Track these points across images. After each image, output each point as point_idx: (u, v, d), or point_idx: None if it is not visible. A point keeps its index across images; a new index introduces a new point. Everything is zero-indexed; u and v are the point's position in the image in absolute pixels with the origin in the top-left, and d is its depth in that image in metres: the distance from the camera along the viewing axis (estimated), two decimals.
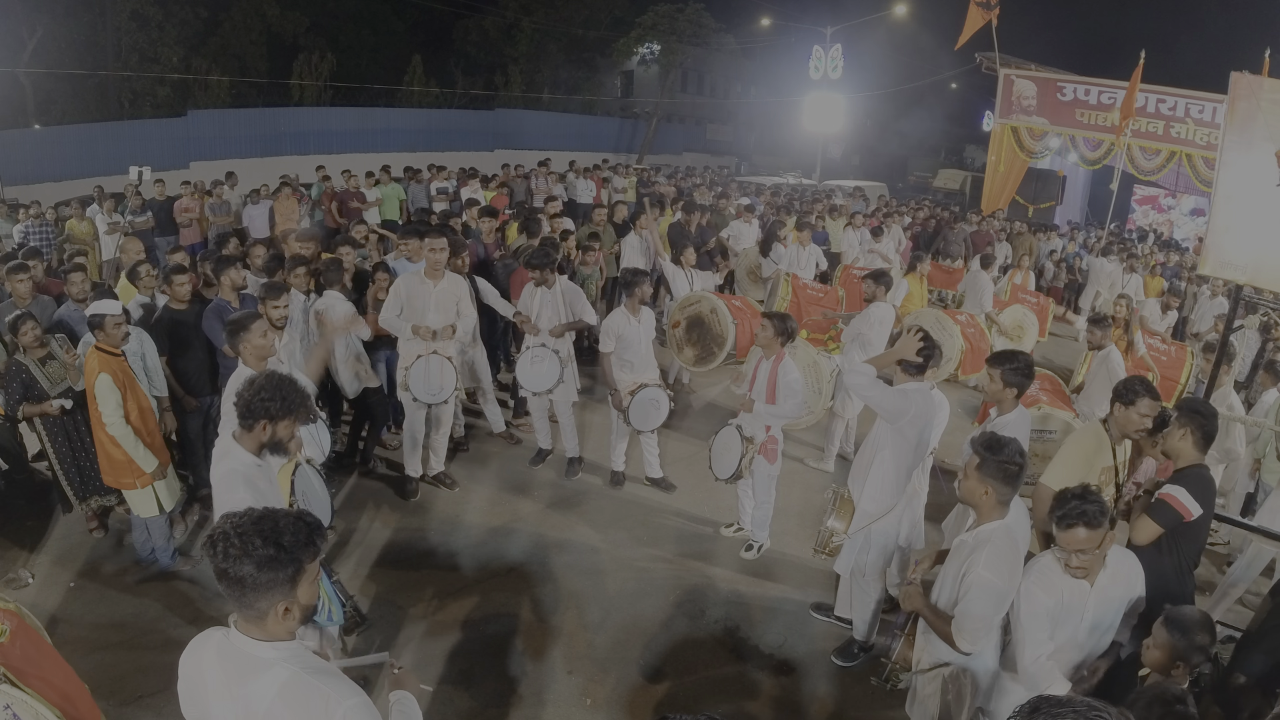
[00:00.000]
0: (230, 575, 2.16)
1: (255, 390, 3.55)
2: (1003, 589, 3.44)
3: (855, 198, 19.52)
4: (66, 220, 13.11)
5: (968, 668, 3.75)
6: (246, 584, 2.16)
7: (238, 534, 2.17)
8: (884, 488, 4.94)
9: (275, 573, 2.17)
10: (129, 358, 5.81)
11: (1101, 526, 3.26)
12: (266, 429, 3.57)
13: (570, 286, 7.33)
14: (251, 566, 2.14)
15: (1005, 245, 16.34)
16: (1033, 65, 21.75)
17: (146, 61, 26.88)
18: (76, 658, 4.93)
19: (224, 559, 2.16)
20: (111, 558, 6.15)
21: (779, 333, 5.95)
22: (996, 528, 3.51)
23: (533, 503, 7.19)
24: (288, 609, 2.23)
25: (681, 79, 41.23)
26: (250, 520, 2.21)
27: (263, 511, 2.25)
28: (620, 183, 19.53)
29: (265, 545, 2.16)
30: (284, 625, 2.24)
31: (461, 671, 5.07)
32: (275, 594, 2.19)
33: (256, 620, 2.22)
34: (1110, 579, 3.49)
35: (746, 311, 8.76)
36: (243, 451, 3.60)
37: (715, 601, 5.89)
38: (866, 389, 4.77)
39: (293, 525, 2.23)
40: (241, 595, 2.18)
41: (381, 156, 19.55)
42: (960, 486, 3.71)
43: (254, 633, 2.24)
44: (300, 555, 2.22)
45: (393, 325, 6.69)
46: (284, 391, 3.57)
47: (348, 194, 15.23)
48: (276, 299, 6.08)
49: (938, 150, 47.67)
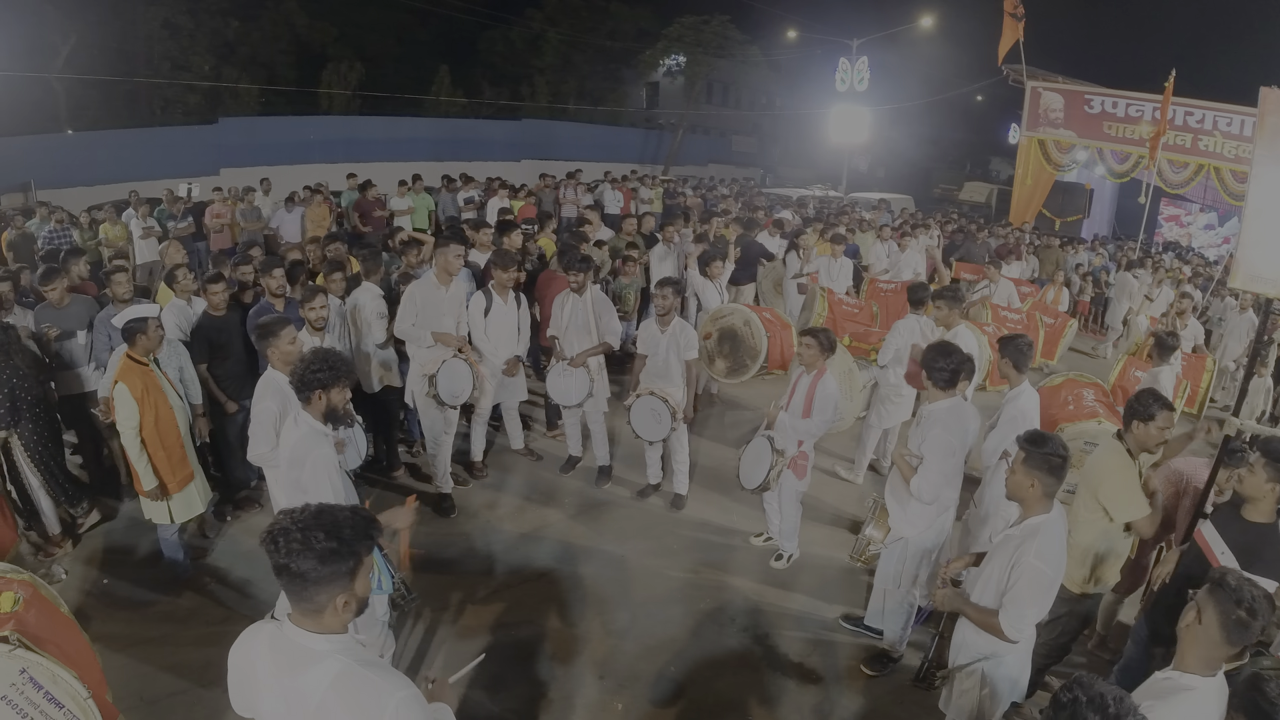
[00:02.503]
0: (291, 570, 2.18)
1: (305, 365, 3.96)
2: (1052, 579, 3.55)
3: (880, 210, 19.44)
4: (100, 224, 13.27)
5: (1004, 664, 3.79)
6: (308, 578, 2.19)
7: (299, 528, 2.20)
8: (924, 511, 4.94)
9: (336, 566, 2.20)
10: (166, 369, 5.86)
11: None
12: (321, 398, 3.97)
13: (600, 297, 7.35)
14: (314, 560, 2.17)
15: (1032, 259, 16.24)
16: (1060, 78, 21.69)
17: (177, 69, 27.31)
18: (109, 654, 5.03)
19: (285, 554, 2.18)
20: (145, 556, 6.21)
21: (823, 348, 5.94)
22: (1044, 520, 3.59)
23: (562, 510, 7.20)
24: (346, 602, 2.25)
25: (707, 90, 41.33)
26: (310, 515, 2.23)
27: (320, 506, 2.28)
28: (647, 193, 19.57)
29: (327, 539, 2.19)
30: (340, 618, 2.27)
31: (492, 675, 5.08)
32: (335, 587, 2.22)
33: (313, 614, 2.25)
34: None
35: (776, 324, 8.73)
36: (311, 419, 4.00)
37: (744, 610, 5.88)
38: (933, 485, 4.77)
39: (351, 519, 2.26)
40: (302, 589, 2.21)
41: (409, 165, 19.63)
42: (1007, 481, 3.75)
43: (308, 625, 2.27)
44: (358, 548, 2.25)
45: (408, 334, 6.72)
46: (330, 361, 3.99)
47: (370, 203, 15.37)
48: (312, 301, 6.18)
49: (962, 163, 47.50)
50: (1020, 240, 17.02)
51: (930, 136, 43.59)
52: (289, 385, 4.32)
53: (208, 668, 5.02)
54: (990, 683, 3.83)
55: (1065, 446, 3.62)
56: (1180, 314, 10.80)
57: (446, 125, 30.49)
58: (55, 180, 19.28)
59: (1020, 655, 3.82)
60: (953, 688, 4.02)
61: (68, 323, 6.82)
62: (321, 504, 2.30)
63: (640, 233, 11.23)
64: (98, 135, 22.92)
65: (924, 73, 35.36)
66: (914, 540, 5.00)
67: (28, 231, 12.28)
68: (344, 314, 7.06)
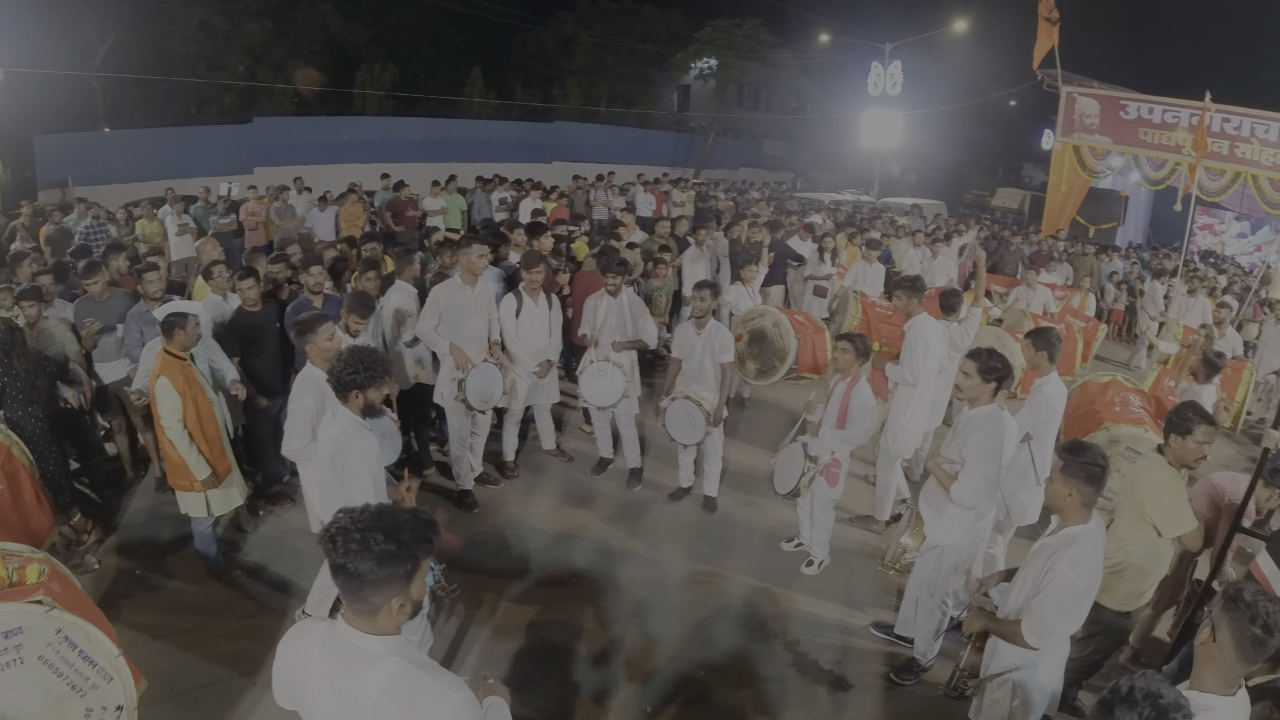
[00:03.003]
0: (349, 570, 2.16)
1: (340, 366, 4.06)
2: (1083, 590, 3.48)
3: (913, 215, 19.30)
4: (137, 220, 13.42)
5: (1036, 674, 3.73)
6: (365, 579, 2.16)
7: (359, 529, 2.17)
8: (961, 516, 4.88)
9: (394, 568, 2.17)
10: (197, 363, 5.88)
11: None
12: (358, 397, 4.07)
13: (635, 300, 7.34)
14: (372, 562, 2.15)
15: (1066, 266, 16.05)
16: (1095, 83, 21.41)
17: (213, 69, 27.58)
18: (140, 645, 5.08)
19: (344, 555, 2.16)
20: (177, 548, 6.26)
21: (859, 354, 5.88)
22: (1081, 530, 3.53)
23: (593, 512, 7.19)
24: (401, 604, 2.23)
25: (738, 94, 41.24)
26: (371, 515, 2.21)
27: (380, 507, 2.26)
28: (679, 196, 19.57)
29: (386, 541, 2.16)
30: (394, 620, 2.24)
31: (523, 675, 5.09)
32: (391, 589, 2.19)
33: (368, 615, 2.23)
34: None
35: (808, 326, 8.66)
36: (350, 413, 4.11)
37: (775, 616, 5.84)
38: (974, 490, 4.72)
39: (411, 521, 2.24)
40: (358, 590, 2.19)
41: (442, 166, 19.73)
42: (1046, 490, 3.71)
43: (362, 626, 2.24)
44: (417, 551, 2.22)
45: (428, 337, 6.72)
46: (365, 362, 4.08)
47: (403, 203, 15.49)
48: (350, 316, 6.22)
49: (995, 168, 47.11)
50: (1054, 247, 16.82)
51: (962, 141, 43.29)
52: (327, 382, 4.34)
53: (239, 660, 5.06)
54: (1022, 693, 3.77)
55: (1104, 456, 3.55)
56: (1219, 324, 10.60)
57: (479, 126, 30.60)
58: (92, 177, 19.57)
59: (1053, 667, 3.77)
60: (984, 697, 3.96)
61: (108, 316, 6.90)
62: (382, 505, 2.28)
63: (673, 235, 11.21)
64: (134, 133, 23.22)
65: (957, 77, 35.08)
66: (949, 547, 4.93)
67: (65, 227, 12.44)
68: (378, 312, 7.07)
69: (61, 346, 6.45)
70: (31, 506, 5.21)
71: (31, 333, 6.34)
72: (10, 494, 5.07)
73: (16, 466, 5.29)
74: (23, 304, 6.33)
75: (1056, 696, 3.84)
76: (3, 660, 3.38)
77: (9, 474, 5.17)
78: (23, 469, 5.32)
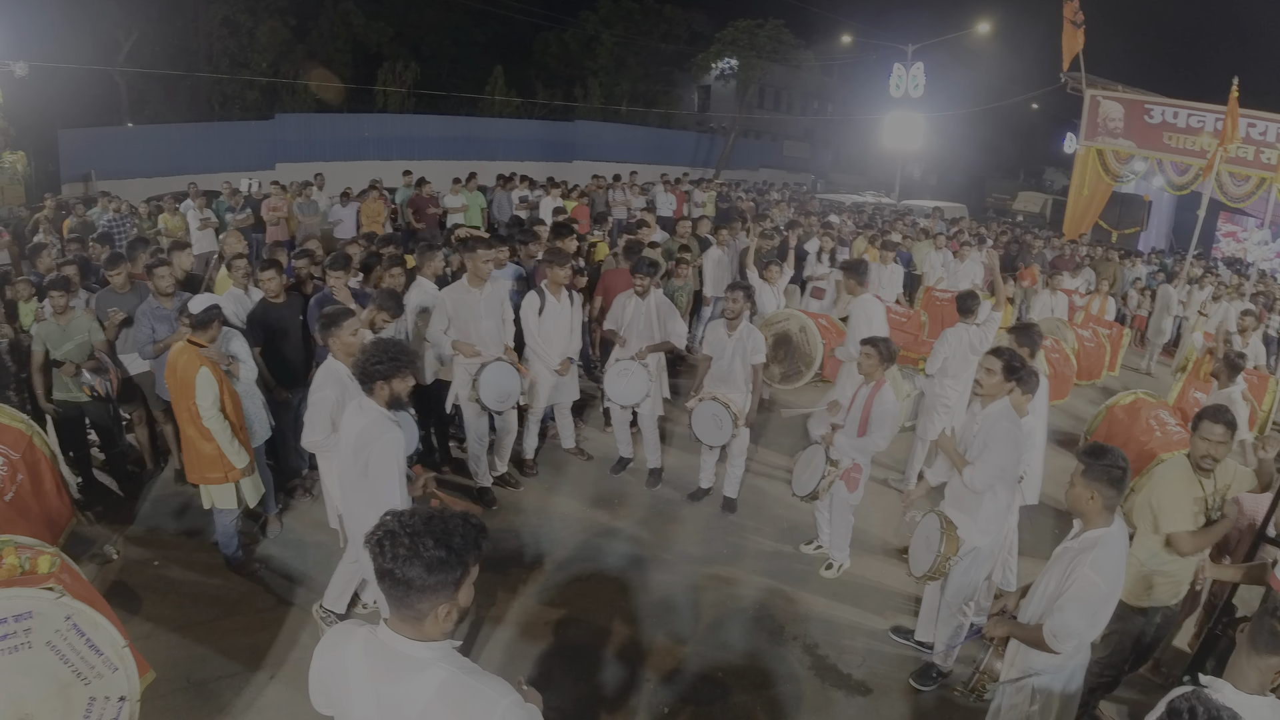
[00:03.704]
0: (396, 576, 2.11)
1: (365, 357, 4.09)
2: (1106, 593, 3.46)
3: (934, 218, 19.19)
4: (159, 214, 13.50)
5: (1056, 680, 3.70)
6: (414, 585, 2.12)
7: (408, 534, 2.12)
8: (997, 513, 4.84)
9: (443, 575, 2.13)
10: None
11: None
12: (384, 388, 4.09)
13: (664, 301, 7.29)
14: (421, 568, 2.10)
15: (1088, 270, 15.91)
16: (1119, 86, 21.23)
17: (236, 66, 27.74)
18: (158, 636, 5.11)
19: (392, 560, 2.11)
20: (196, 540, 6.26)
21: (883, 358, 5.79)
22: (1103, 534, 3.50)
23: (611, 512, 7.15)
24: (449, 612, 2.19)
25: (759, 94, 41.15)
26: (421, 520, 2.16)
27: (431, 511, 2.21)
28: (700, 196, 19.54)
29: (437, 547, 2.12)
30: (440, 627, 2.20)
31: (541, 674, 5.07)
32: (439, 596, 2.15)
33: (414, 621, 2.18)
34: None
35: (832, 331, 8.61)
36: (376, 405, 4.13)
37: (794, 619, 5.79)
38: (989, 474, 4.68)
39: (462, 527, 2.19)
40: (405, 596, 2.14)
41: (463, 164, 19.77)
42: (1067, 494, 3.68)
43: (407, 632, 2.20)
44: (467, 558, 2.17)
45: (439, 342, 6.64)
46: (390, 353, 4.09)
47: (424, 200, 15.52)
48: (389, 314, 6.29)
49: (1016, 172, 46.86)
50: (1075, 252, 16.68)
51: (984, 144, 43.04)
52: (349, 375, 4.33)
53: (256, 653, 5.07)
54: (1041, 699, 3.74)
55: (1124, 458, 3.53)
56: (1242, 331, 10.48)
57: (500, 125, 30.68)
58: (116, 171, 19.74)
59: (1073, 674, 3.73)
60: (1003, 701, 3.93)
61: (130, 307, 6.92)
62: (432, 509, 2.23)
63: (694, 235, 11.18)
64: (158, 129, 23.39)
65: (979, 79, 34.88)
66: (985, 547, 4.87)
67: (88, 220, 12.52)
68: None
69: (88, 335, 6.47)
70: (52, 497, 5.23)
71: (59, 322, 6.38)
72: (31, 484, 5.09)
73: (38, 456, 5.31)
74: (52, 294, 6.36)
75: (1075, 705, 3.80)
76: (11, 644, 3.40)
77: (30, 464, 5.20)
78: (44, 459, 5.34)
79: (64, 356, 6.37)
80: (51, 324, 6.40)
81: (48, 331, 6.41)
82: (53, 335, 6.38)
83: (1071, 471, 3.65)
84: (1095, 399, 11.27)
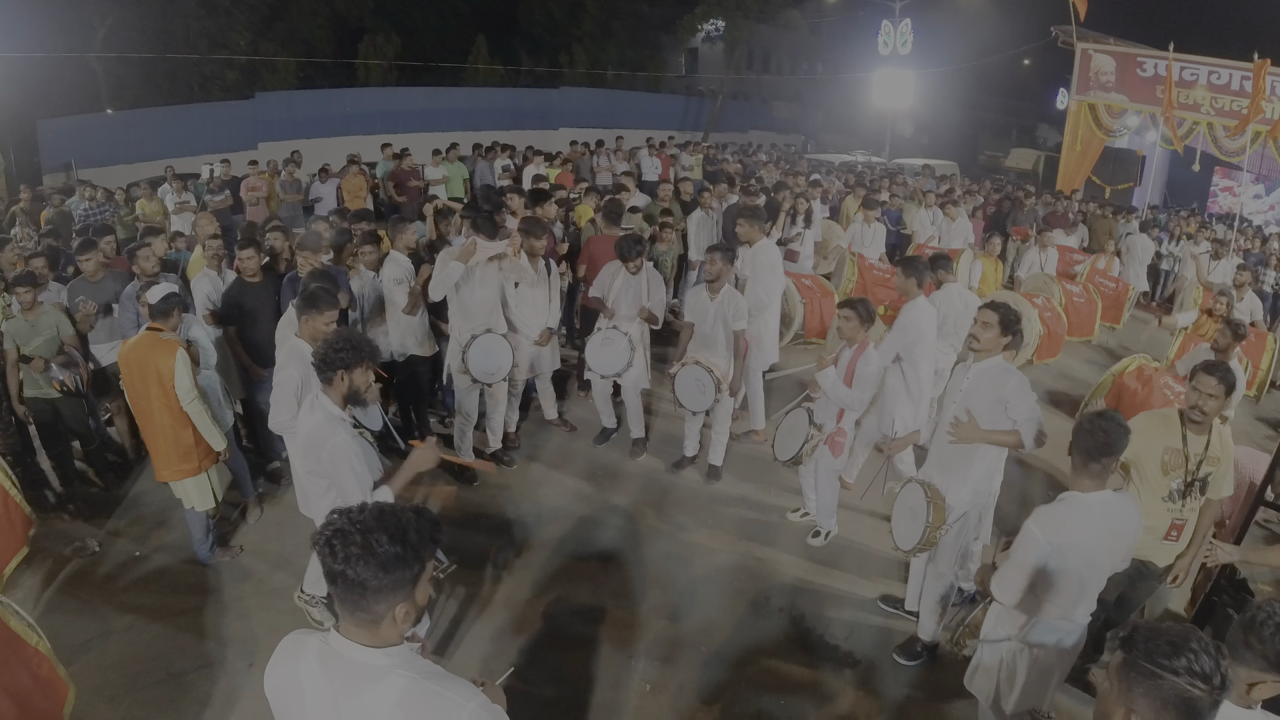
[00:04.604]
0: (349, 578, 1.98)
1: (327, 345, 3.87)
2: (1039, 541, 3.41)
3: (924, 176, 19.00)
4: (137, 200, 13.35)
5: (1028, 652, 3.66)
6: (369, 587, 1.99)
7: (360, 531, 2.00)
8: (989, 474, 4.78)
9: (400, 573, 2.01)
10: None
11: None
12: (344, 378, 3.86)
13: (654, 274, 7.19)
14: (375, 567, 1.98)
15: (1082, 228, 15.76)
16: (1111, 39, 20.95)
17: (215, 46, 27.44)
18: (138, 628, 5.10)
19: (344, 560, 1.98)
20: (177, 530, 6.17)
21: (863, 320, 5.66)
22: (1071, 495, 3.50)
23: (595, 483, 7.08)
24: (406, 612, 2.07)
25: (747, 56, 40.69)
26: (373, 516, 2.04)
27: (383, 506, 2.08)
28: (687, 160, 19.37)
29: (391, 543, 1.99)
30: (398, 629, 2.09)
31: (521, 650, 5.02)
32: (396, 596, 2.04)
33: (369, 625, 2.06)
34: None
35: (816, 290, 8.51)
36: (330, 403, 3.89)
37: (780, 589, 5.73)
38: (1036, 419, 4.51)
39: (415, 520, 2.07)
40: (360, 599, 2.01)
41: (448, 136, 19.51)
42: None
43: (362, 638, 2.07)
44: (423, 552, 2.06)
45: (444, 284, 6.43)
46: (353, 341, 3.90)
47: (405, 173, 15.37)
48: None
49: (1008, 129, 46.44)
50: (1069, 208, 16.51)
51: (975, 102, 42.71)
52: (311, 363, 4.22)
53: (235, 641, 5.05)
54: (1010, 668, 3.71)
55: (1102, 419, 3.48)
56: (1238, 287, 10.37)
57: (485, 95, 30.30)
58: (97, 159, 19.56)
59: (1048, 647, 3.63)
60: (980, 660, 3.90)
61: (102, 297, 6.87)
62: (382, 504, 2.10)
63: (679, 199, 11.02)
64: (137, 114, 23.05)
65: (969, 36, 34.36)
66: (973, 510, 4.78)
67: (66, 210, 12.38)
68: (378, 287, 6.97)
69: (56, 330, 6.36)
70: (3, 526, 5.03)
71: (27, 318, 6.26)
72: None
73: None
74: (17, 290, 6.23)
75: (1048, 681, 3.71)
76: None
77: None
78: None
79: (33, 352, 6.24)
80: (20, 320, 6.27)
81: (16, 328, 6.28)
82: (21, 331, 6.26)
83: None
84: (1089, 356, 11.22)
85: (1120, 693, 1.94)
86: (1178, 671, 1.86)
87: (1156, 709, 1.88)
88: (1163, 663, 1.88)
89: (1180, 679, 1.85)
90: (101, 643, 4.99)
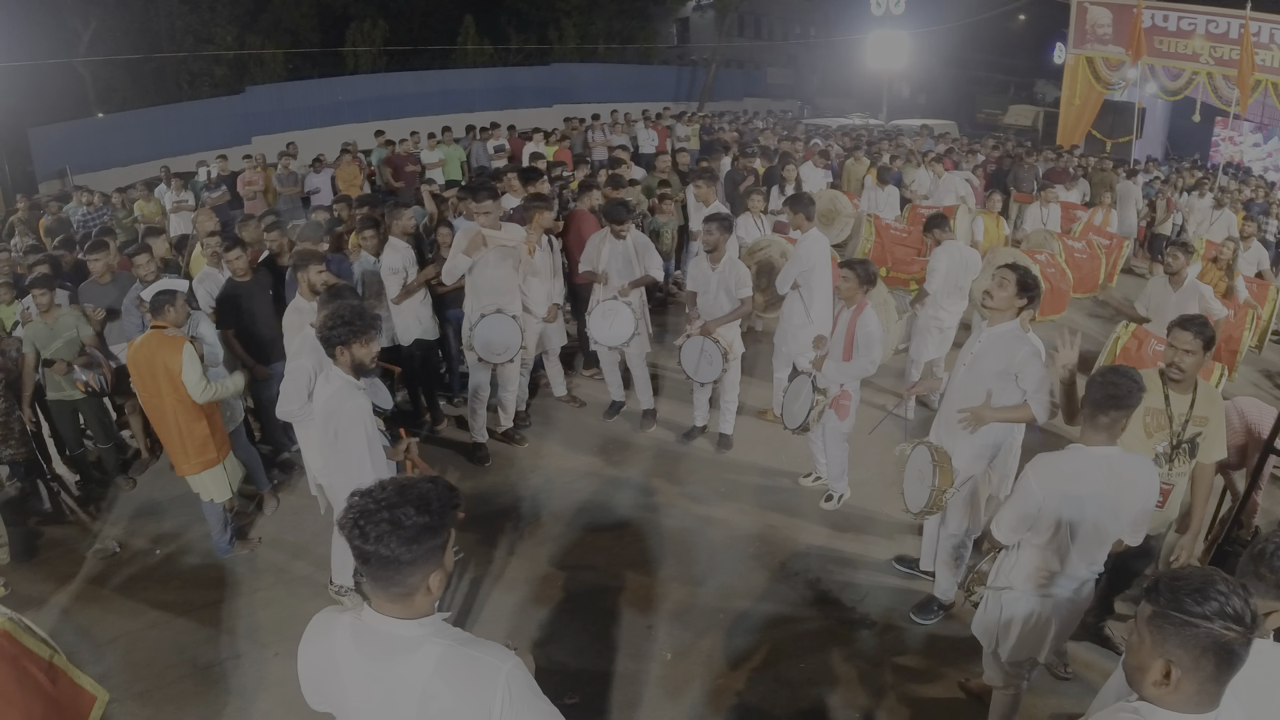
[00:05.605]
0: (381, 555, 1.98)
1: (323, 323, 4.04)
2: (1032, 488, 3.41)
3: (922, 136, 18.88)
4: (134, 202, 13.33)
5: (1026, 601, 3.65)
6: (402, 561, 1.99)
7: (385, 507, 2.00)
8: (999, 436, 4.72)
9: (430, 542, 2.02)
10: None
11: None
12: (344, 353, 4.02)
13: (641, 238, 7.17)
14: (407, 540, 1.98)
15: (1083, 183, 15.64)
16: None
17: (201, 42, 27.26)
18: (164, 623, 5.15)
19: (375, 540, 1.98)
20: (196, 525, 6.19)
21: (862, 281, 5.62)
22: (1075, 445, 3.48)
23: (606, 457, 7.11)
24: (440, 579, 2.09)
25: (739, 23, 40.28)
26: (395, 491, 2.04)
27: (403, 480, 2.10)
28: (683, 130, 19.28)
29: (419, 514, 2.00)
30: (430, 599, 2.11)
31: (540, 623, 5.06)
32: (430, 565, 2.05)
33: (403, 599, 2.07)
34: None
35: None
36: (341, 373, 4.09)
37: (796, 554, 5.75)
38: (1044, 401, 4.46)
39: (436, 490, 2.08)
40: (394, 574, 2.02)
41: (440, 119, 19.42)
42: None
43: (396, 612, 2.08)
44: (447, 519, 2.07)
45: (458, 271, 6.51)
46: (348, 317, 4.01)
47: (402, 158, 15.32)
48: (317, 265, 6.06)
49: (1006, 86, 45.93)
50: (1069, 163, 16.40)
51: (972, 60, 42.24)
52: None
53: (259, 632, 5.09)
54: (1007, 617, 3.72)
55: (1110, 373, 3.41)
56: (1245, 238, 10.32)
57: (475, 76, 30.03)
58: (91, 164, 19.51)
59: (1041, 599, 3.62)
60: (985, 610, 3.91)
61: (111, 300, 6.87)
62: (401, 478, 2.11)
63: (675, 169, 10.97)
64: (128, 116, 22.92)
65: None
66: (980, 473, 4.76)
67: (63, 216, 12.36)
68: (377, 270, 6.97)
69: (76, 331, 6.39)
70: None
71: (46, 320, 6.29)
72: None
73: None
74: (35, 293, 6.26)
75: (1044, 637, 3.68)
76: None
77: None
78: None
79: (53, 355, 6.28)
80: (39, 324, 6.30)
81: (35, 332, 6.31)
82: (41, 335, 6.29)
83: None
84: (1094, 310, 11.17)
85: (1155, 644, 1.94)
86: (1209, 617, 1.85)
87: (1195, 656, 1.88)
88: (1194, 609, 1.87)
89: (1215, 624, 1.85)
90: (128, 641, 5.04)
